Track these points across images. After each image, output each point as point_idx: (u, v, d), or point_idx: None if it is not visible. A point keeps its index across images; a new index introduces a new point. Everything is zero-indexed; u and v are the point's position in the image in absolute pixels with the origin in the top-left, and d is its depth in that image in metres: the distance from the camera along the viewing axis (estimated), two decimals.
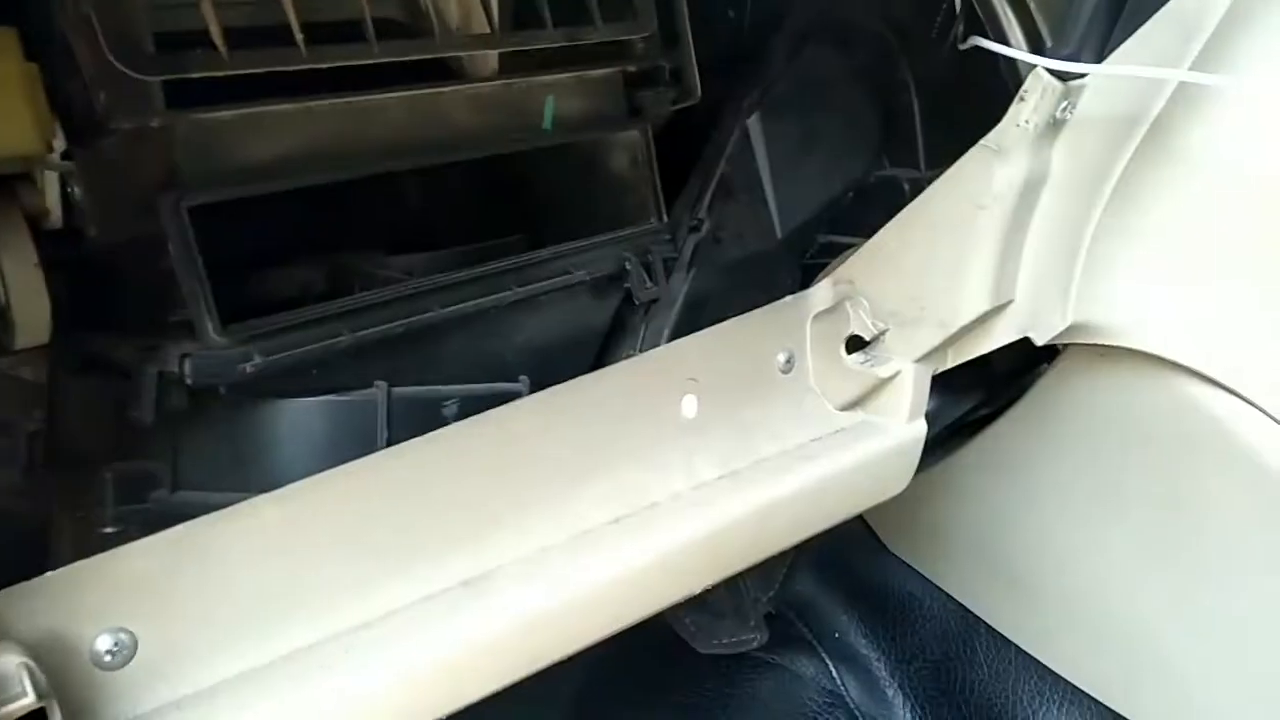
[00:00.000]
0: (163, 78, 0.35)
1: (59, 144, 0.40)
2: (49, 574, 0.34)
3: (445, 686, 0.40)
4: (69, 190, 0.41)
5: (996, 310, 0.53)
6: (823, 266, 0.60)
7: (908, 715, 0.80)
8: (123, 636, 0.34)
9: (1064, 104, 0.47)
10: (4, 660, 0.30)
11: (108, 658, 0.34)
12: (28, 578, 0.35)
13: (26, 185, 0.43)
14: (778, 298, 0.55)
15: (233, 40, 0.38)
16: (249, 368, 0.39)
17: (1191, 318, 0.52)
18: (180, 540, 0.35)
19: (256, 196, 0.41)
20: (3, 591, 0.33)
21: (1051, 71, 0.47)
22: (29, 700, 0.29)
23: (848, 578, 0.85)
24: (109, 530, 0.42)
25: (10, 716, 0.29)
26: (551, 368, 0.48)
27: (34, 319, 0.44)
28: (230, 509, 0.36)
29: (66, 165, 0.40)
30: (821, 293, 0.56)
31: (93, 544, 0.38)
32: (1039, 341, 0.53)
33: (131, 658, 0.34)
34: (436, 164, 0.46)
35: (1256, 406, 0.52)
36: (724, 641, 0.81)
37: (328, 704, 0.37)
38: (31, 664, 0.30)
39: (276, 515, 0.37)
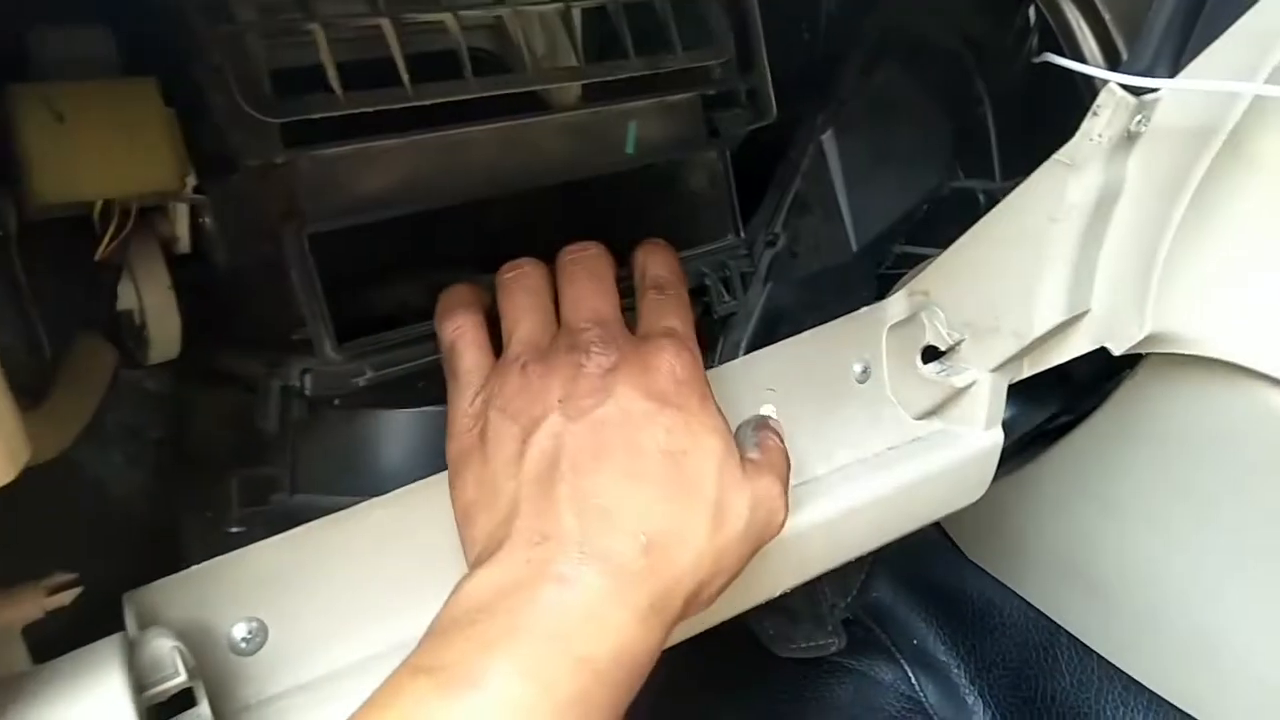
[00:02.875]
0: (287, 119, 0.39)
1: (191, 180, 0.44)
2: (193, 568, 0.38)
3: None
4: (200, 220, 0.45)
5: (1073, 321, 0.54)
6: (899, 277, 0.61)
7: None
8: (255, 625, 0.38)
9: (1138, 118, 0.48)
10: (159, 644, 0.34)
11: (243, 644, 0.38)
12: (158, 573, 0.39)
13: (160, 216, 0.48)
14: (854, 309, 0.57)
15: (342, 76, 0.41)
16: (361, 381, 0.42)
17: (1272, 325, 0.52)
18: (304, 539, 0.39)
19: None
20: (155, 584, 0.37)
21: (1125, 86, 0.47)
22: (180, 679, 0.33)
23: (926, 585, 0.85)
24: (235, 530, 0.46)
25: (164, 695, 0.33)
26: None
27: (166, 337, 0.49)
28: (347, 511, 0.40)
29: (198, 198, 0.44)
30: (897, 304, 0.57)
31: (220, 542, 0.41)
32: (1116, 351, 0.53)
33: (264, 644, 0.38)
34: (527, 189, 0.49)
35: None
36: (802, 646, 0.83)
37: None
38: (182, 647, 0.34)
39: (388, 517, 0.40)
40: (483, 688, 0.32)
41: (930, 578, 0.86)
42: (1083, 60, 0.55)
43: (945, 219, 0.68)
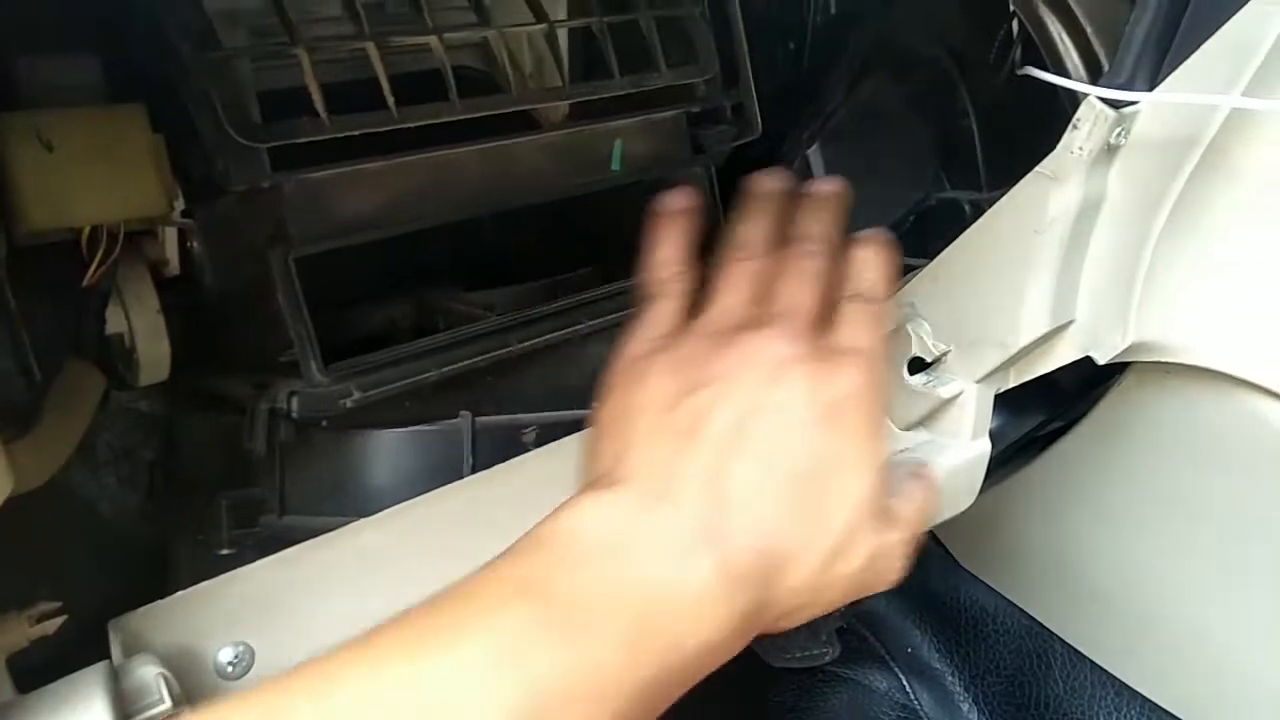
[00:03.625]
0: (272, 144, 0.39)
1: (179, 204, 0.44)
2: (179, 594, 0.38)
3: None
4: (188, 244, 0.45)
5: (1058, 330, 0.54)
6: None
7: None
8: (242, 649, 0.38)
9: (1118, 130, 0.48)
10: (144, 671, 0.34)
11: (230, 669, 0.38)
12: (149, 594, 0.39)
13: (150, 240, 0.48)
14: None
15: (329, 97, 0.42)
16: (348, 403, 0.42)
17: (1256, 333, 0.53)
18: (291, 561, 0.39)
19: None
20: (140, 610, 0.37)
21: (1105, 99, 0.48)
22: (165, 707, 0.33)
23: (919, 592, 0.86)
24: (225, 552, 0.46)
25: None
26: None
27: (156, 359, 0.49)
28: (335, 533, 0.40)
29: (186, 222, 0.44)
30: None
31: (209, 564, 0.41)
32: (1100, 360, 0.54)
33: (250, 668, 0.38)
34: (513, 208, 0.49)
35: None
36: (796, 655, 0.83)
37: None
38: (168, 674, 0.34)
39: (376, 539, 0.41)
40: (582, 638, 0.32)
41: (924, 585, 0.86)
42: (1065, 73, 0.56)
43: (932, 230, 0.69)
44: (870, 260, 0.48)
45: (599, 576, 0.33)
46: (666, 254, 0.46)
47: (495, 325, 0.48)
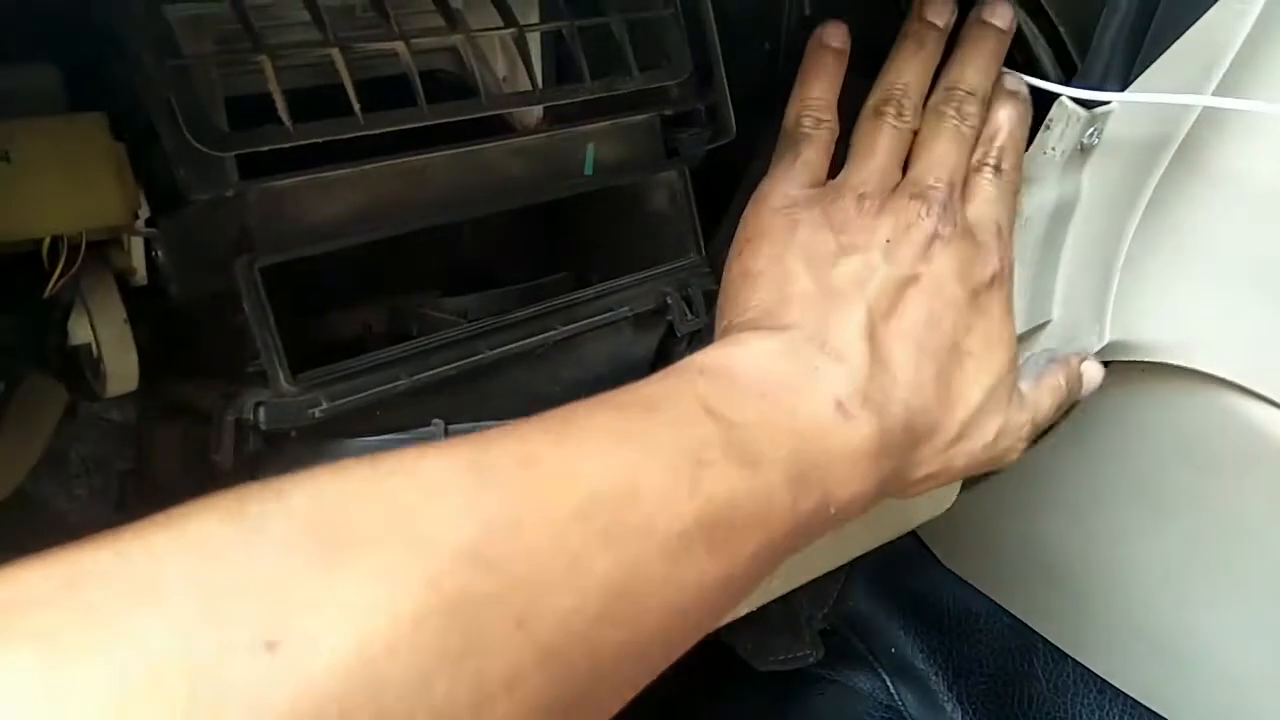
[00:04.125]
0: (236, 153, 0.39)
1: (144, 212, 0.44)
2: None
3: None
4: (153, 253, 0.45)
5: (1034, 331, 0.54)
6: None
7: None
8: None
9: (1090, 130, 0.48)
10: None
11: None
12: None
13: (115, 248, 0.47)
14: None
15: (294, 103, 0.41)
16: (317, 413, 0.42)
17: (1230, 332, 0.53)
18: None
19: None
20: None
21: (1077, 99, 0.48)
22: None
23: (902, 593, 0.86)
24: None
25: None
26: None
27: (123, 370, 0.48)
28: None
29: (151, 231, 0.44)
30: None
31: None
32: None
33: None
34: (483, 214, 0.48)
35: None
36: (780, 658, 0.83)
37: None
38: None
39: None
40: (756, 466, 0.32)
41: (907, 586, 0.86)
42: (1040, 73, 0.56)
43: None
44: (1012, 122, 0.47)
45: (774, 409, 0.34)
46: (819, 93, 0.46)
47: (467, 332, 0.47)
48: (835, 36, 0.47)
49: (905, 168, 0.45)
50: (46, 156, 0.38)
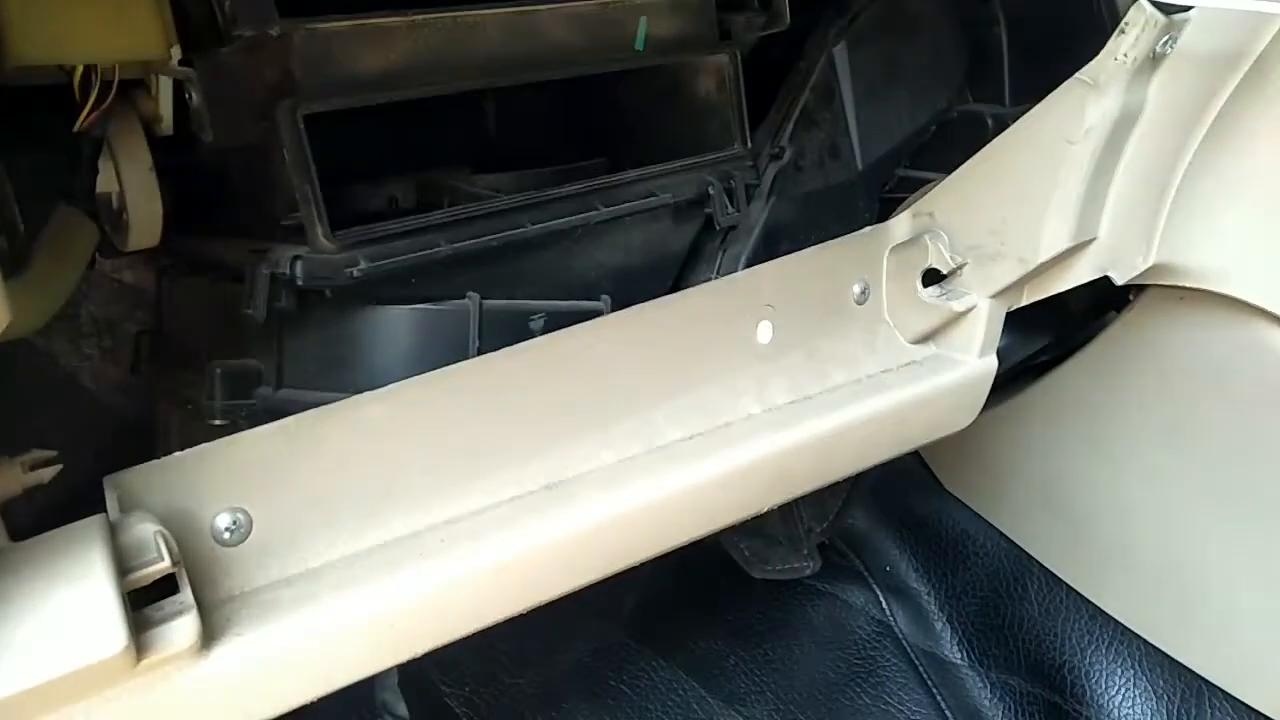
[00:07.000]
0: None
1: (176, 51, 0.41)
2: (176, 454, 0.36)
3: (527, 580, 0.42)
4: (186, 96, 0.43)
5: (1078, 248, 0.53)
6: (901, 201, 0.60)
7: (955, 648, 0.81)
8: (240, 516, 0.37)
9: (1165, 38, 0.46)
10: (142, 528, 0.32)
11: (227, 534, 0.37)
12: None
13: (142, 92, 0.45)
14: (855, 229, 0.55)
15: None
16: (355, 272, 0.40)
17: (1277, 262, 0.52)
18: (293, 430, 0.38)
19: (348, 109, 0.42)
20: (136, 468, 0.36)
21: (1155, 3, 0.46)
22: (164, 564, 0.32)
23: (902, 513, 0.86)
24: (218, 422, 0.44)
25: (146, 579, 0.32)
26: (632, 288, 0.50)
27: (147, 221, 0.46)
28: (338, 404, 0.39)
29: (184, 71, 0.41)
30: (901, 225, 0.56)
31: (200, 436, 0.40)
32: (1119, 281, 0.53)
33: (247, 536, 0.37)
34: (531, 81, 0.46)
35: None
36: (777, 568, 0.83)
37: (422, 588, 0.39)
38: (166, 532, 0.33)
39: (381, 412, 0.39)
40: None
41: (907, 507, 0.87)
42: None
43: (949, 142, 0.67)
44: None
45: None
46: None
47: (508, 204, 0.45)
48: None
49: None
50: None
